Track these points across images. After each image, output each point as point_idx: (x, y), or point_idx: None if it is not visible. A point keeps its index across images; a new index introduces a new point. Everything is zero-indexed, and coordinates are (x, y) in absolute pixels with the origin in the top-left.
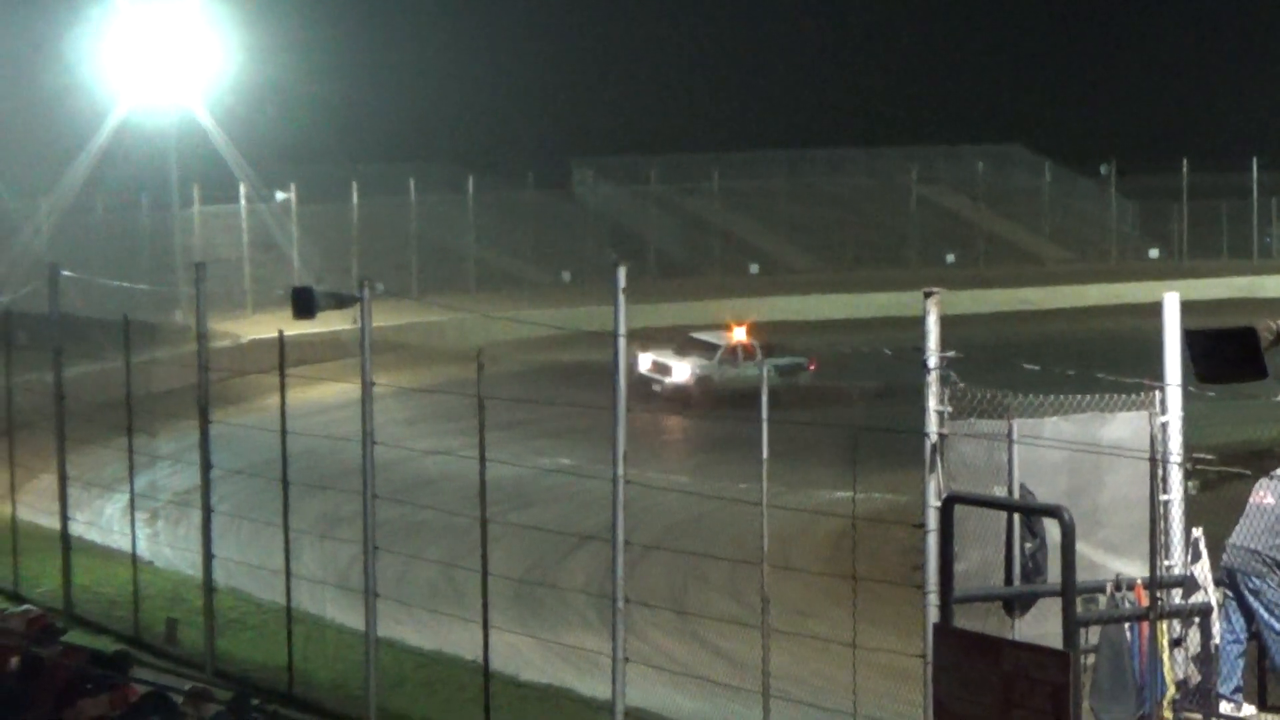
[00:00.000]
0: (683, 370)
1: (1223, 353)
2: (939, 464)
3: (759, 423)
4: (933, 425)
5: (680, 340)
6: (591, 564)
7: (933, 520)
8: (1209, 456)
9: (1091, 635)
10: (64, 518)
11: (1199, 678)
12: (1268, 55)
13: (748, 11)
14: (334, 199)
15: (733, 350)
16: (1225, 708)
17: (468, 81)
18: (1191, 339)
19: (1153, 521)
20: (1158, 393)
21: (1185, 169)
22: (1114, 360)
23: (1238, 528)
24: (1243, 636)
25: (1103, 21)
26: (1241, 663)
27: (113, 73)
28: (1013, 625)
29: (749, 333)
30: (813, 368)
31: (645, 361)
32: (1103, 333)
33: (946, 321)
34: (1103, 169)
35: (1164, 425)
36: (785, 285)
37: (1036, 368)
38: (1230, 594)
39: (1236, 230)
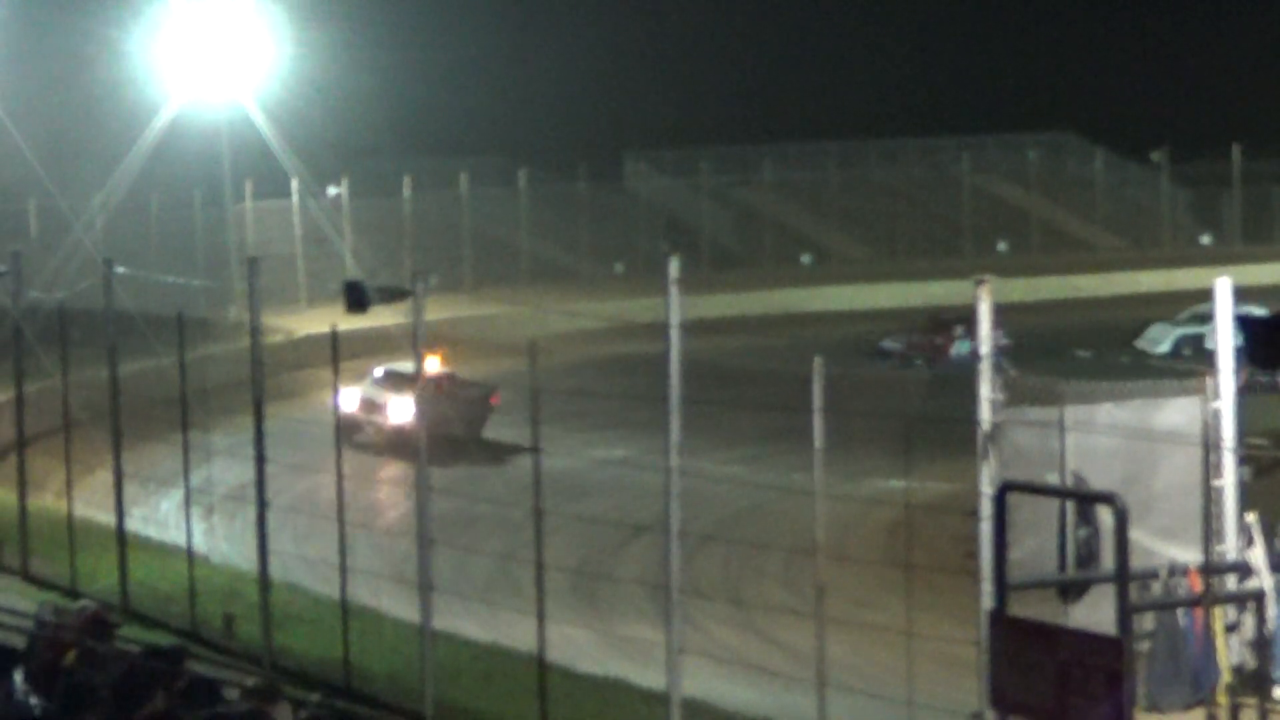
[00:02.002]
0: (401, 408)
1: (1275, 338)
2: (992, 452)
3: (811, 413)
4: (985, 413)
5: (387, 374)
6: (647, 555)
7: (986, 508)
8: (1262, 442)
9: (1146, 621)
10: (120, 514)
11: (1255, 663)
12: None
13: (800, 2)
14: (386, 193)
15: (434, 383)
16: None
17: (519, 75)
18: (1245, 325)
19: (1206, 507)
20: (1210, 379)
21: (1237, 155)
22: None
23: None
24: None
25: (1154, 6)
26: None
27: (165, 69)
28: (1067, 612)
29: (443, 362)
30: (495, 401)
31: (350, 399)
32: (1156, 320)
33: (999, 310)
34: (1154, 156)
35: (1217, 411)
36: (838, 275)
37: (1089, 354)
38: None
39: None
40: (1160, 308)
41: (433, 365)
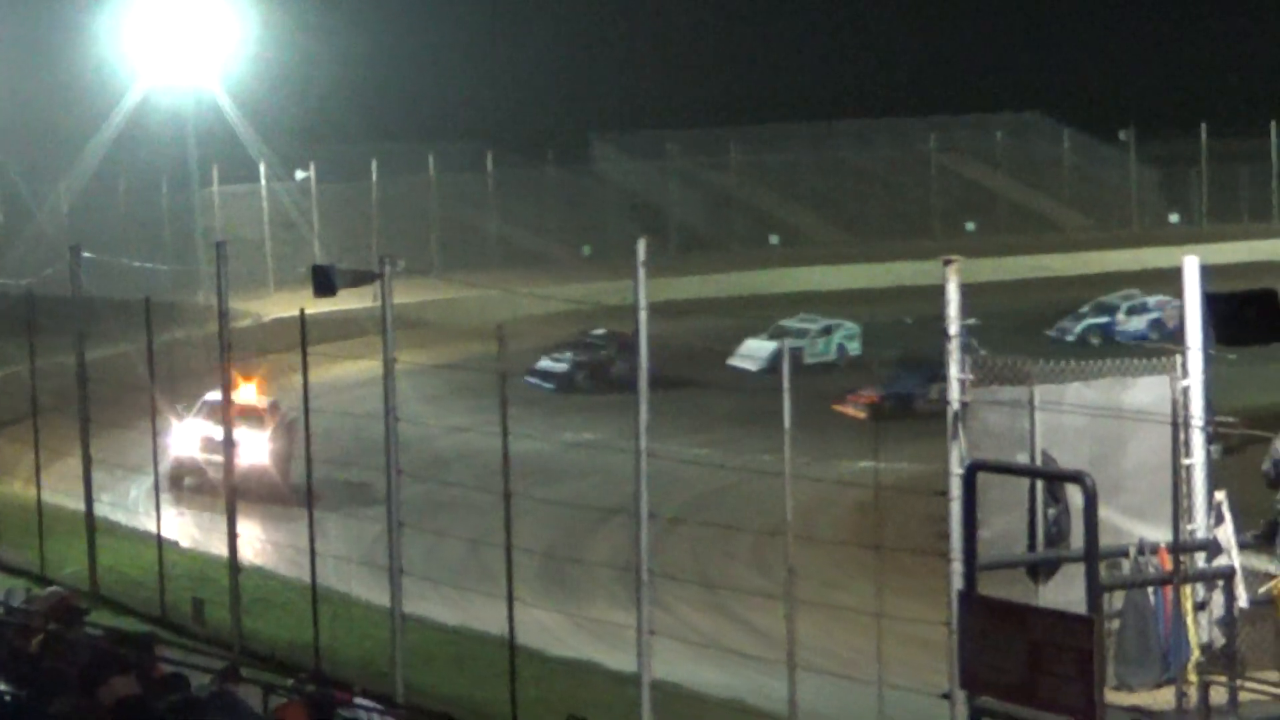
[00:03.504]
0: (258, 445)
1: (1243, 316)
2: (961, 432)
3: (781, 394)
4: (954, 393)
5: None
6: (617, 538)
7: (956, 488)
8: (1232, 420)
9: (1116, 600)
10: (89, 500)
11: (1223, 641)
12: None
13: None
14: (353, 178)
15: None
16: None
17: (486, 59)
18: (1212, 303)
19: (1175, 486)
20: (1179, 357)
21: (1204, 134)
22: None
23: None
24: None
25: None
26: None
27: (131, 54)
28: (1037, 591)
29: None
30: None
31: (189, 438)
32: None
33: (968, 290)
34: (1122, 135)
35: (1185, 389)
36: (807, 257)
37: (1056, 333)
38: None
39: (1256, 194)
40: (1128, 287)
41: (248, 394)
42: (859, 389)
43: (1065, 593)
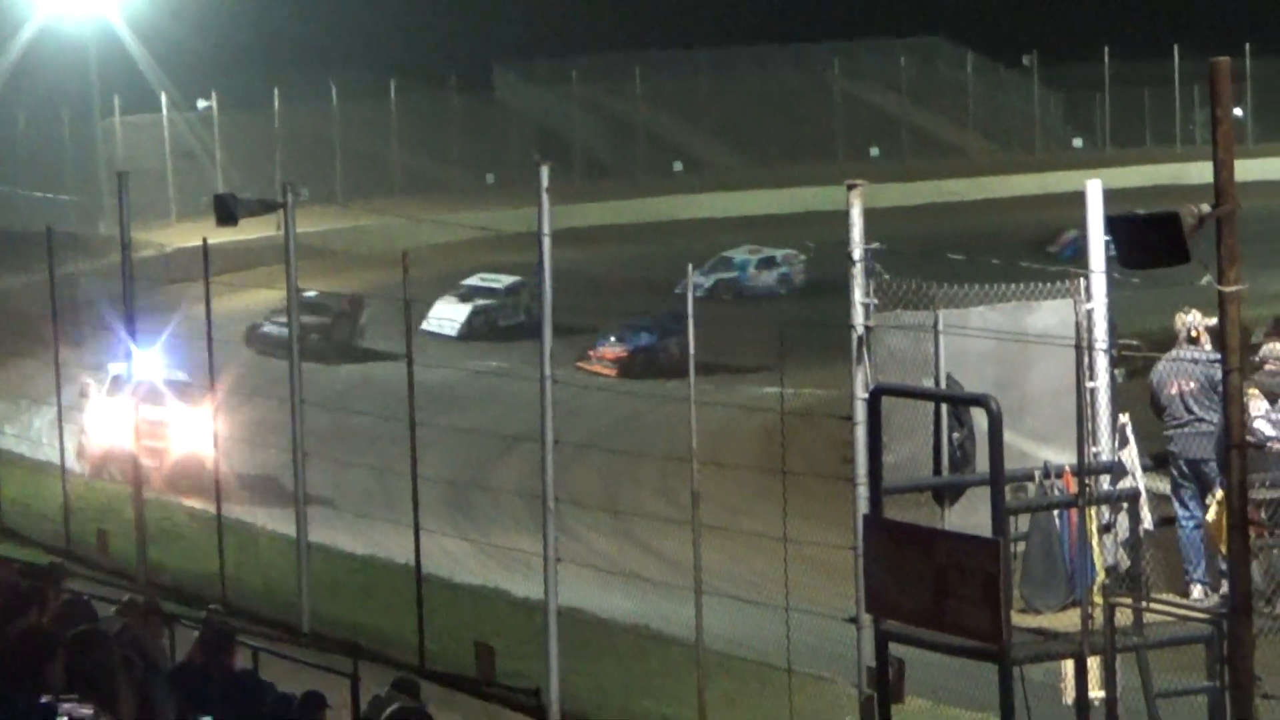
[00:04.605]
0: (197, 428)
1: (1146, 239)
2: (866, 356)
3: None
4: (859, 318)
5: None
6: (523, 466)
7: (860, 412)
8: (1135, 343)
9: (1021, 523)
10: None
11: (1128, 563)
12: None
13: None
14: (256, 107)
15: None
16: (1196, 592)
17: None
18: (1115, 226)
19: (1080, 409)
20: (1082, 280)
21: (1107, 58)
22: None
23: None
24: (1200, 518)
25: None
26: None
27: None
28: (942, 516)
29: None
30: None
31: (114, 423)
32: (1029, 223)
33: (872, 215)
34: (1025, 60)
35: (1089, 312)
36: (710, 183)
37: (961, 257)
38: (1183, 478)
39: (1159, 118)
40: (1032, 211)
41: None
42: (600, 346)
43: (970, 516)
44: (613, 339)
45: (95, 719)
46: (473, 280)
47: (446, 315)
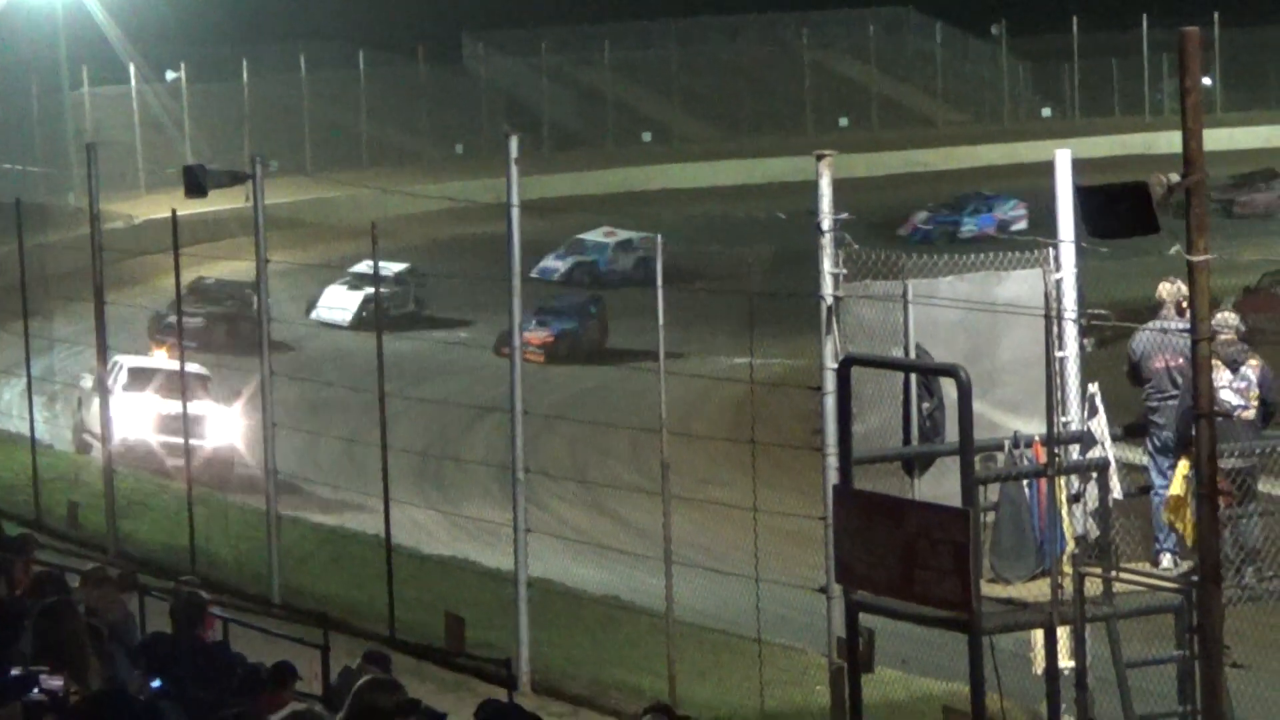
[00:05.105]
0: (225, 422)
1: (1115, 209)
2: (835, 327)
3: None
4: (828, 288)
5: (157, 374)
6: (492, 436)
7: (830, 383)
8: (1104, 312)
9: (991, 493)
10: None
11: (1098, 532)
12: None
13: None
14: (224, 78)
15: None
16: (1166, 561)
17: None
18: (1084, 196)
19: (1049, 378)
20: (1052, 250)
21: (1075, 28)
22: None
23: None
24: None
25: None
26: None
27: None
28: (912, 486)
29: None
30: None
31: (134, 415)
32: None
33: (841, 186)
34: (994, 30)
35: (1059, 282)
36: (679, 154)
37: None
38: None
39: (1128, 88)
40: (1001, 181)
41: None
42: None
43: (940, 487)
44: (534, 323)
45: (65, 689)
46: (361, 266)
47: (338, 303)
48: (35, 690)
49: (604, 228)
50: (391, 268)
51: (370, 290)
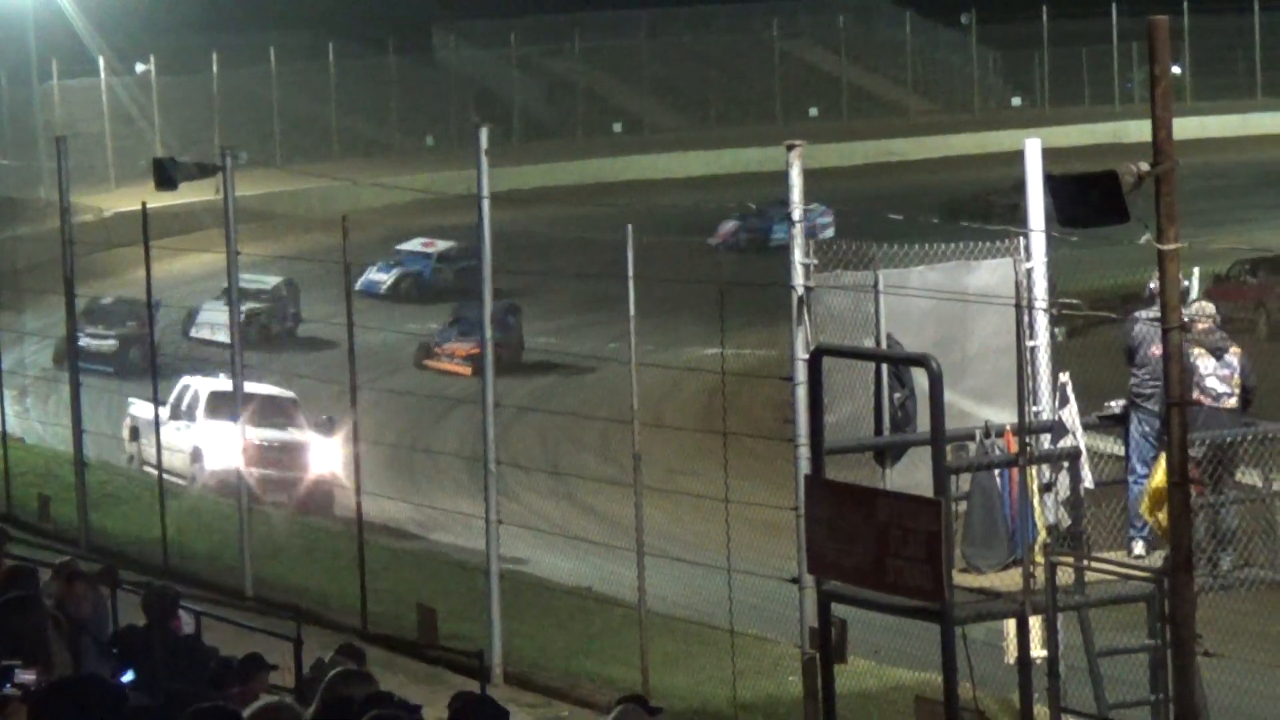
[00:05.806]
0: (327, 451)
1: (1085, 198)
2: (806, 316)
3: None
4: (799, 278)
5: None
6: (464, 427)
7: (801, 373)
8: (1075, 301)
9: (963, 483)
10: None
11: (1069, 521)
12: None
13: None
14: (194, 70)
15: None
16: (1138, 548)
17: None
18: (1054, 185)
19: (1020, 368)
20: (1022, 239)
21: (1045, 16)
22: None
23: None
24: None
25: None
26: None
27: None
28: (884, 475)
29: None
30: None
31: (223, 444)
32: (968, 182)
33: (812, 175)
34: (964, 18)
35: (1029, 271)
36: (649, 144)
37: (900, 217)
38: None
39: (1098, 77)
40: (972, 170)
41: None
42: (445, 344)
43: (912, 476)
44: (456, 334)
45: (38, 683)
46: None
47: (218, 321)
48: (7, 685)
49: (421, 239)
50: (269, 280)
51: (250, 305)
